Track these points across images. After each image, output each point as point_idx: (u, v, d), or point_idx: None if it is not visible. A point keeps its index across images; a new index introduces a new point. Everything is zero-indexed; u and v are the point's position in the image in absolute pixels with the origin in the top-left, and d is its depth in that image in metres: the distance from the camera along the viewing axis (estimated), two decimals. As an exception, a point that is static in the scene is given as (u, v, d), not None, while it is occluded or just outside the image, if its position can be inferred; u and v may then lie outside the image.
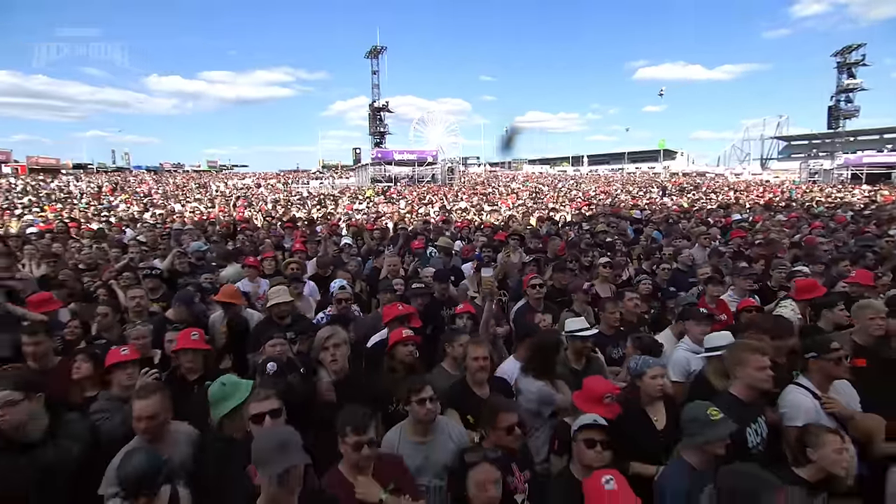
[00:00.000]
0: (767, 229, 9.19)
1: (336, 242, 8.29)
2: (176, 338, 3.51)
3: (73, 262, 6.96)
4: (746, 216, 12.14)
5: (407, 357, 3.27)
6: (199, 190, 35.04)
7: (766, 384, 2.91)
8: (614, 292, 5.27)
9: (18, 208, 19.03)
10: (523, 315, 4.76)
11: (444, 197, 24.83)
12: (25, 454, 2.51)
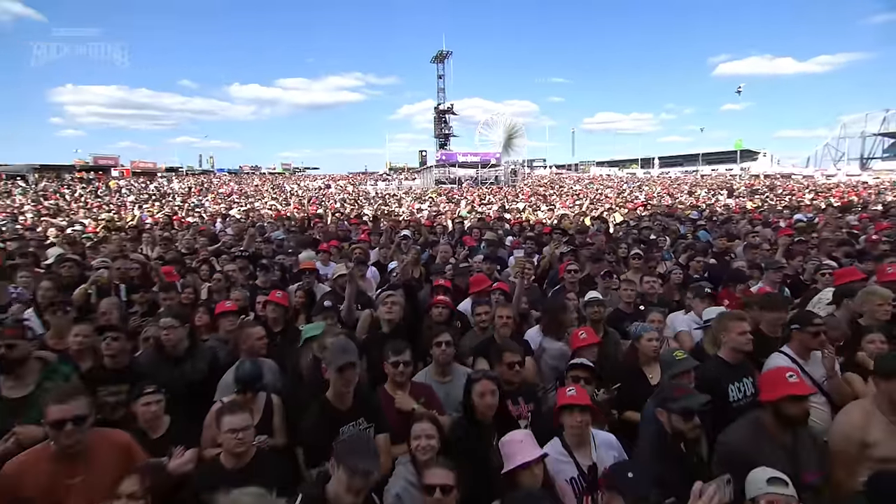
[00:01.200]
0: (821, 229, 9.14)
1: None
2: (266, 297, 4.53)
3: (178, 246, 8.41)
4: (811, 216, 11.86)
5: (437, 316, 4.12)
6: (275, 190, 37.84)
7: (747, 347, 3.43)
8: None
9: (129, 205, 21.84)
10: (557, 295, 5.41)
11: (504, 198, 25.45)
12: (177, 365, 3.58)
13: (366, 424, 2.86)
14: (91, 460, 2.43)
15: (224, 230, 10.86)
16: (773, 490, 2.09)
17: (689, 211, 14.00)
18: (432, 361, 3.59)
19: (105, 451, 2.49)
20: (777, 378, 2.66)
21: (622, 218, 12.42)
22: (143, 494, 2.13)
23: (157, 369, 3.56)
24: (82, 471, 2.39)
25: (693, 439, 2.59)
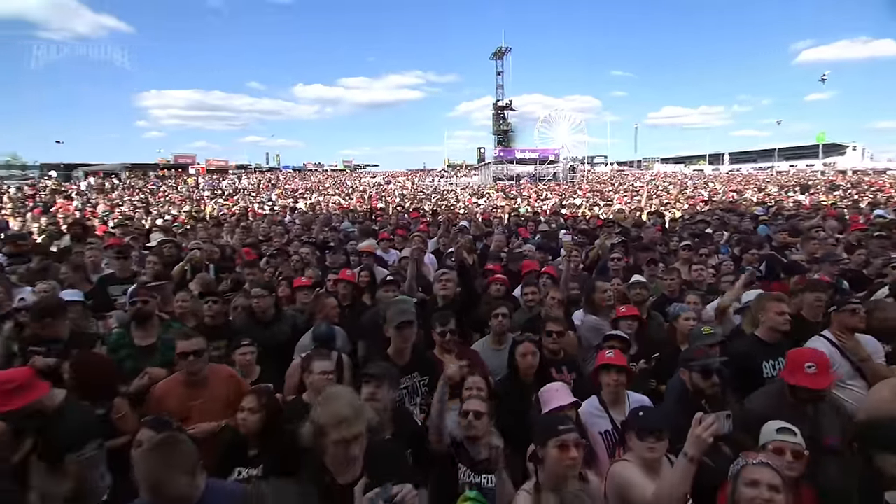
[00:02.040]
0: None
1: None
2: (337, 276, 5.14)
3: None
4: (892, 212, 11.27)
5: (495, 292, 4.57)
6: (337, 186, 39.53)
7: (784, 326, 3.62)
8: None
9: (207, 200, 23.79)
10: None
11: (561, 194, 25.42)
12: (266, 328, 4.25)
13: (419, 378, 3.34)
14: (208, 387, 3.14)
15: (293, 221, 11.80)
16: (780, 437, 2.37)
17: (753, 207, 13.59)
18: (490, 332, 4.05)
19: (218, 381, 3.20)
20: (797, 365, 2.85)
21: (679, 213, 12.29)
22: (259, 409, 2.72)
23: (249, 330, 4.22)
24: (202, 395, 3.08)
25: (712, 396, 2.88)
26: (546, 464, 2.23)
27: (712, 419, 2.07)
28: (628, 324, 4.00)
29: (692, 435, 2.03)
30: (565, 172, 44.54)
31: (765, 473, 2.01)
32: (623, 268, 5.81)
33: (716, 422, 2.08)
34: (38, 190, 26.59)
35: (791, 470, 2.29)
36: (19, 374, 2.63)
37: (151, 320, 4.01)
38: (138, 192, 29.61)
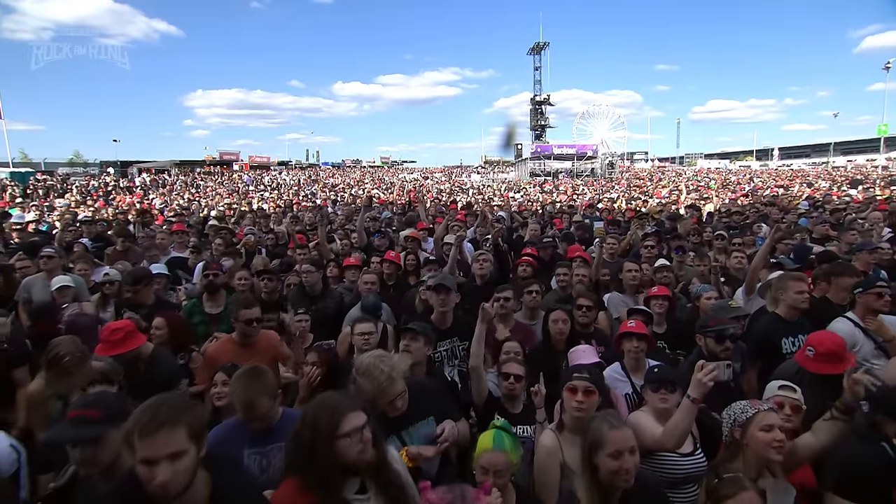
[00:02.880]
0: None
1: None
2: (383, 257, 5.58)
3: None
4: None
5: (522, 272, 4.95)
6: (375, 182, 40.42)
7: (803, 304, 3.80)
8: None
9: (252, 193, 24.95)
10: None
11: (598, 189, 25.31)
12: (314, 301, 4.70)
13: (459, 342, 3.71)
14: (257, 349, 3.55)
15: (335, 212, 12.40)
16: (781, 393, 2.62)
17: (798, 201, 13.33)
18: (523, 306, 4.40)
19: (265, 345, 3.65)
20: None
21: (716, 206, 12.24)
22: (321, 364, 3.15)
23: (300, 302, 4.70)
24: (251, 355, 3.43)
25: (725, 360, 3.13)
26: (565, 407, 2.56)
27: (713, 366, 2.35)
28: (659, 303, 4.24)
29: (694, 379, 2.32)
30: (603, 168, 44.00)
31: (776, 418, 2.25)
32: (655, 256, 6.02)
33: (716, 369, 2.35)
34: (103, 185, 28.50)
35: (789, 422, 2.52)
36: (124, 325, 3.16)
37: (219, 292, 4.56)
38: (188, 189, 31.21)
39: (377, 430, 1.89)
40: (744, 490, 1.82)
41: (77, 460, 1.92)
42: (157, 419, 1.51)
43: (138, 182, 34.17)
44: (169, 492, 1.49)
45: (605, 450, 1.97)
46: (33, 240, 8.07)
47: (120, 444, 1.99)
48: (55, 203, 19.27)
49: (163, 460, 1.49)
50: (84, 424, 1.88)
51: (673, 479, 2.53)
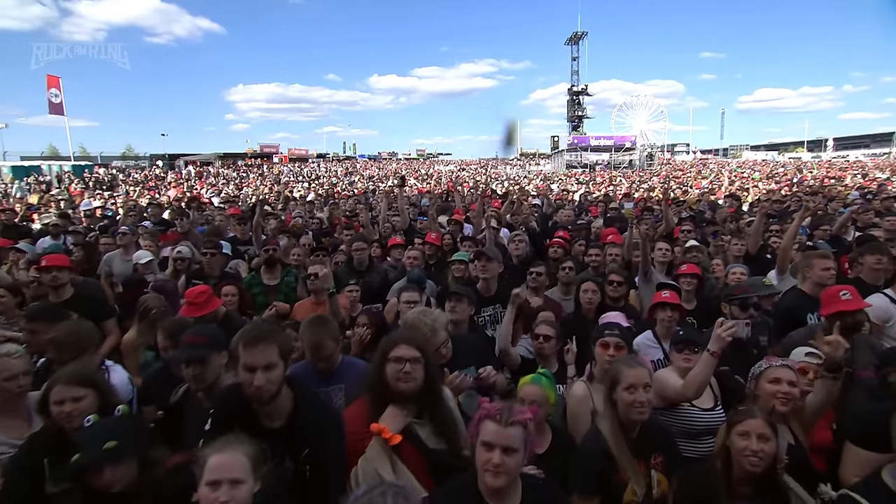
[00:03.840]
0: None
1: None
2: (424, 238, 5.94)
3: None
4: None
5: (553, 253, 5.24)
6: (412, 173, 41.01)
7: (828, 281, 3.91)
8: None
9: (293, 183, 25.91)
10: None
11: (636, 180, 25.03)
12: (361, 276, 5.10)
13: (501, 309, 4.01)
14: (327, 308, 3.93)
15: (377, 200, 12.88)
16: (807, 360, 2.81)
17: (848, 191, 12.98)
18: (558, 282, 4.68)
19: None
20: (833, 295, 3.21)
21: (756, 196, 12.08)
22: (371, 325, 3.52)
23: (348, 276, 5.09)
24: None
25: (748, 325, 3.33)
26: (596, 361, 2.84)
27: (732, 323, 2.57)
28: (688, 280, 4.41)
29: (714, 333, 2.55)
30: (642, 160, 43.23)
31: (786, 373, 2.47)
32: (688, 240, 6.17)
33: (735, 326, 2.58)
34: (153, 176, 30.15)
35: (811, 386, 2.71)
36: (206, 290, 3.60)
37: (276, 266, 5.01)
38: (233, 179, 32.56)
39: (431, 370, 2.23)
40: (752, 417, 2.06)
41: (189, 377, 2.37)
42: (258, 335, 1.94)
43: (184, 174, 35.86)
44: (262, 395, 1.89)
45: (622, 384, 2.24)
46: (103, 223, 8.88)
47: (220, 367, 2.43)
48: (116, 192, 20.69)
49: (259, 368, 1.88)
50: (194, 347, 2.32)
51: (694, 431, 2.78)
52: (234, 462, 1.64)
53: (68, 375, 2.25)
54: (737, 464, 2.08)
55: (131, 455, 1.87)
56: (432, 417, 2.19)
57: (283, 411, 2.00)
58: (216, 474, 1.60)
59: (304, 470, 1.95)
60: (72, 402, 2.17)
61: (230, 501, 1.57)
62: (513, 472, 1.75)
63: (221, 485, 1.59)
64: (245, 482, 1.62)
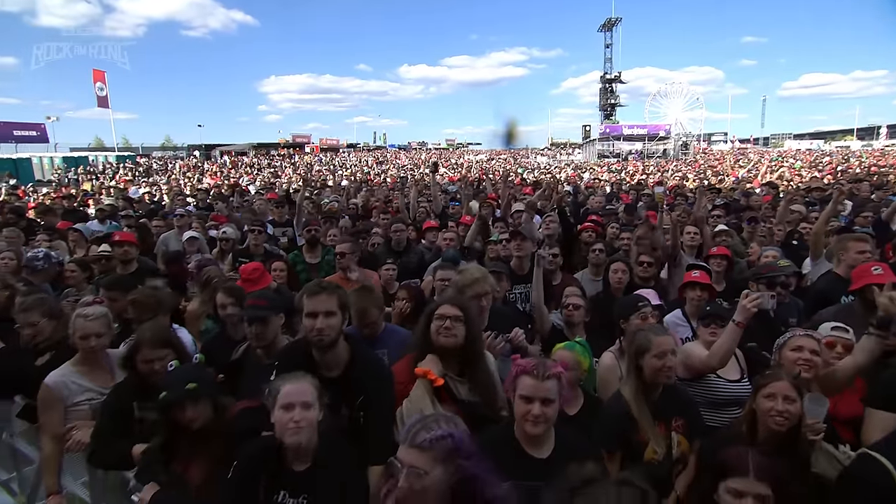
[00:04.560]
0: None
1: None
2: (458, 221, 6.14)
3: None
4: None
5: (587, 238, 5.36)
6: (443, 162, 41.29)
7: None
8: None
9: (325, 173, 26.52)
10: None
11: (669, 169, 24.59)
12: (398, 256, 5.34)
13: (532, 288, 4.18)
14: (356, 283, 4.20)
15: (410, 186, 13.18)
16: (834, 333, 2.88)
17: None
18: (589, 264, 4.82)
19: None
20: (864, 270, 3.25)
21: (795, 184, 11.83)
22: (410, 299, 3.74)
23: (386, 256, 5.33)
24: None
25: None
26: (627, 333, 2.98)
27: (757, 294, 2.68)
28: (718, 262, 4.47)
29: (739, 304, 2.66)
30: (676, 149, 42.25)
31: (808, 342, 2.55)
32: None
33: (760, 297, 2.68)
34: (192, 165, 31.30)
35: (839, 359, 2.80)
36: (258, 266, 3.90)
37: (317, 245, 5.30)
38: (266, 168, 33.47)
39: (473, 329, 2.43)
40: (778, 380, 2.18)
41: (251, 335, 2.67)
42: (321, 287, 2.23)
43: (220, 163, 37.06)
44: (322, 338, 2.15)
45: (652, 351, 2.37)
46: (151, 208, 9.45)
47: (278, 328, 2.69)
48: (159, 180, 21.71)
49: (320, 314, 2.15)
50: (257, 308, 2.62)
51: (719, 401, 2.89)
52: (305, 388, 1.90)
53: (153, 338, 2.57)
54: (762, 425, 2.20)
55: (208, 396, 2.16)
56: (472, 376, 2.40)
57: (340, 362, 2.25)
58: (289, 398, 1.85)
59: (359, 416, 2.19)
60: (159, 362, 2.52)
61: (302, 421, 1.83)
62: (550, 420, 1.93)
63: (295, 407, 1.84)
64: (314, 406, 1.87)
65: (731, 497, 1.68)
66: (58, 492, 2.63)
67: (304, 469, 1.89)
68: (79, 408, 2.72)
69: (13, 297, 3.73)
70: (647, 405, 2.38)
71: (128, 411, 2.47)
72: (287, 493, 1.87)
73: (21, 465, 3.64)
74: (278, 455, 1.90)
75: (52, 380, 2.69)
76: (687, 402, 2.58)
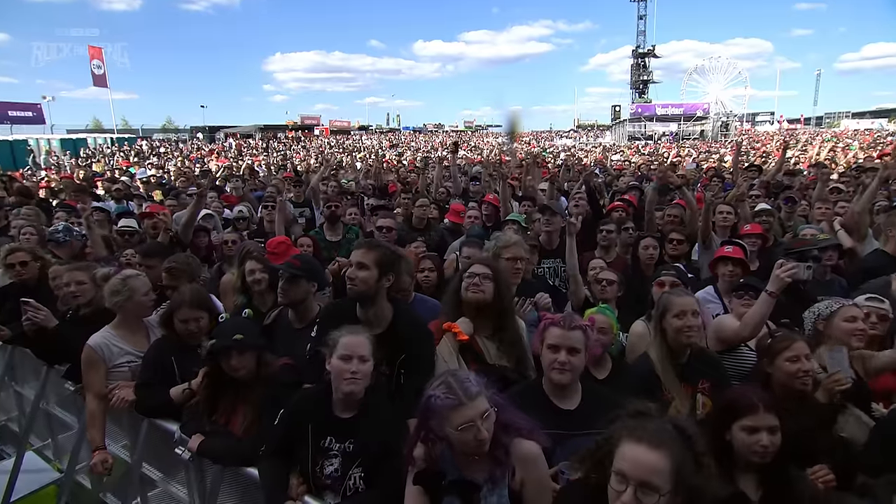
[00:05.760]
0: None
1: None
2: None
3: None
4: None
5: (617, 217, 5.49)
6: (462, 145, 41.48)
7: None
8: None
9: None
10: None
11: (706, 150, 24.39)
12: (421, 233, 5.59)
13: (561, 263, 4.40)
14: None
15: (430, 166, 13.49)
16: (868, 303, 3.06)
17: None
18: (619, 243, 4.98)
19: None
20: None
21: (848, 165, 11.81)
22: (435, 269, 4.01)
23: (408, 235, 5.60)
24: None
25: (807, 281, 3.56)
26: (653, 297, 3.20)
27: (792, 264, 2.86)
28: (752, 241, 4.62)
29: (773, 274, 2.85)
30: (715, 130, 41.71)
31: (858, 311, 2.78)
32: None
33: (795, 267, 2.86)
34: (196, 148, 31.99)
35: (874, 329, 2.99)
36: (284, 240, 4.22)
37: (338, 223, 5.59)
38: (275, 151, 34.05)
39: (503, 289, 2.69)
40: (796, 341, 2.38)
41: (280, 288, 3.01)
42: (362, 243, 2.57)
43: (226, 146, 37.71)
44: (352, 286, 2.47)
45: (672, 311, 2.59)
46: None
47: (307, 292, 3.01)
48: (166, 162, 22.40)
49: (354, 263, 2.46)
50: (291, 267, 3.01)
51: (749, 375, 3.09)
52: (363, 342, 2.15)
53: (192, 299, 2.94)
54: (780, 386, 2.42)
55: (252, 348, 2.47)
56: (502, 337, 2.65)
57: (383, 319, 2.53)
58: (348, 350, 2.11)
59: (399, 374, 2.46)
60: (195, 322, 2.90)
61: (359, 373, 2.09)
62: (577, 369, 2.17)
63: (352, 359, 2.10)
64: (370, 360, 2.13)
65: (745, 434, 1.91)
66: (103, 447, 2.96)
67: (349, 417, 2.16)
68: (120, 369, 3.06)
69: (45, 269, 4.10)
70: (674, 367, 2.60)
71: (168, 365, 2.84)
72: (333, 439, 2.15)
73: (57, 432, 4.01)
74: (326, 404, 2.17)
75: (95, 341, 3.04)
76: (715, 365, 2.79)
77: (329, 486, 2.14)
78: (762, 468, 1.94)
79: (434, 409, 1.75)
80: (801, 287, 3.65)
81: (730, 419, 1.96)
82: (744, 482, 1.95)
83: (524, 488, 1.83)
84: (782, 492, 1.92)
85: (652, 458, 1.42)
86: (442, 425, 1.75)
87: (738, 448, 1.94)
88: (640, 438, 1.46)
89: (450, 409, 1.73)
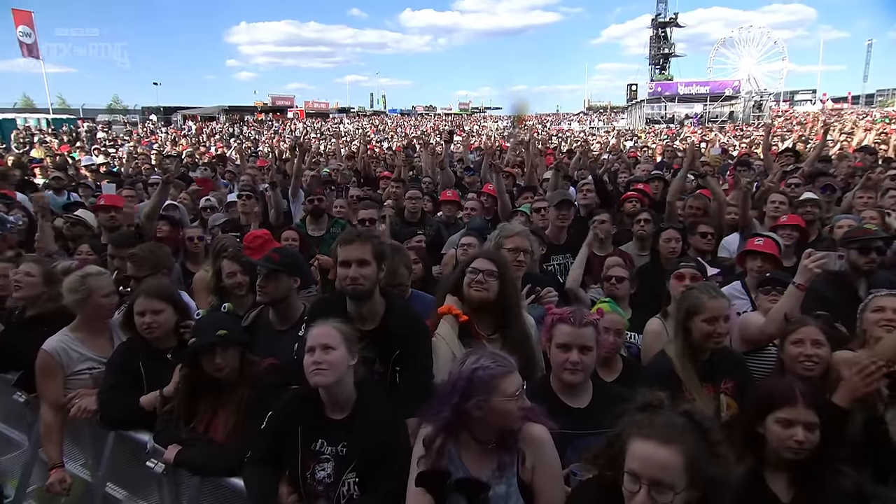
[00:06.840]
0: None
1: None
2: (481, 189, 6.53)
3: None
4: None
5: (631, 207, 5.72)
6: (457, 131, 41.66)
7: None
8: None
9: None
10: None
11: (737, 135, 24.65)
12: (417, 226, 5.73)
13: (571, 258, 4.53)
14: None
15: (417, 156, 13.63)
16: None
17: None
18: (634, 237, 5.16)
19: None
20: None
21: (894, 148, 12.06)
22: (420, 261, 4.15)
23: (400, 228, 5.73)
24: None
25: (869, 273, 3.74)
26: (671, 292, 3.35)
27: (822, 254, 3.01)
28: (787, 233, 4.70)
29: (801, 265, 3.00)
30: (747, 112, 42.00)
31: (892, 301, 2.89)
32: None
33: (825, 257, 3.01)
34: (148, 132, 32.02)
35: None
36: (263, 234, 4.37)
37: (322, 216, 5.72)
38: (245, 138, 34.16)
39: (508, 286, 2.81)
40: (804, 325, 2.56)
41: (258, 285, 3.13)
42: (354, 235, 2.68)
43: (185, 130, 37.67)
44: (357, 287, 2.55)
45: (702, 315, 2.71)
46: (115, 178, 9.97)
47: (289, 289, 3.17)
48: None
49: (353, 262, 2.54)
50: (268, 261, 3.12)
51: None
52: (326, 331, 2.27)
53: (149, 289, 3.03)
54: (790, 372, 2.60)
55: (236, 345, 2.59)
56: (507, 336, 2.78)
57: (375, 314, 2.66)
58: (311, 342, 2.24)
59: (394, 372, 2.59)
60: (152, 315, 2.95)
61: (322, 363, 2.19)
62: (589, 368, 2.32)
63: (315, 350, 2.22)
64: (335, 349, 2.24)
65: (780, 427, 2.03)
66: (61, 465, 3.02)
67: (342, 418, 2.28)
68: (79, 377, 3.12)
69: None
70: (695, 366, 2.73)
71: (135, 371, 2.92)
72: (325, 442, 2.27)
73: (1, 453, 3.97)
74: (317, 405, 2.29)
75: (51, 345, 3.09)
76: (738, 364, 2.94)
77: (321, 494, 2.24)
78: (795, 466, 2.05)
79: (483, 379, 1.90)
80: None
81: (765, 410, 2.07)
82: (774, 481, 2.08)
83: (535, 475, 1.98)
84: (816, 494, 2.03)
85: (662, 456, 1.54)
86: (490, 397, 1.90)
87: (770, 442, 2.06)
88: (649, 435, 1.58)
89: (501, 378, 1.91)
